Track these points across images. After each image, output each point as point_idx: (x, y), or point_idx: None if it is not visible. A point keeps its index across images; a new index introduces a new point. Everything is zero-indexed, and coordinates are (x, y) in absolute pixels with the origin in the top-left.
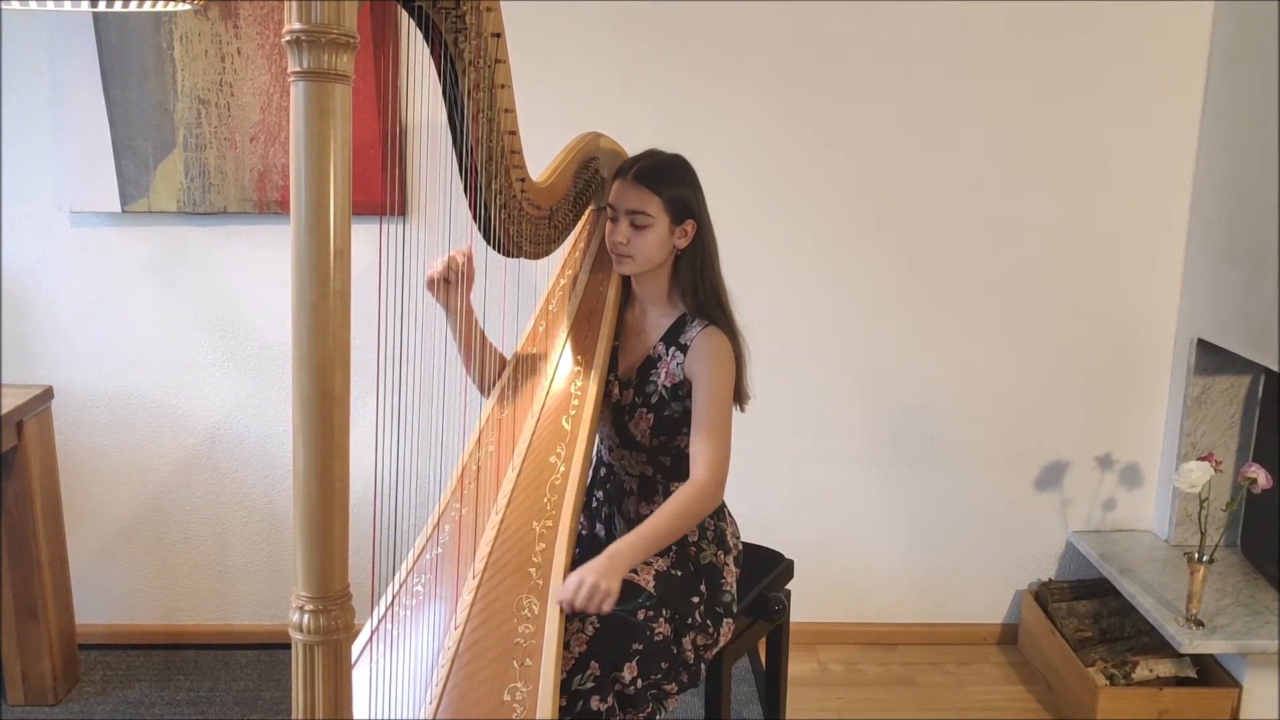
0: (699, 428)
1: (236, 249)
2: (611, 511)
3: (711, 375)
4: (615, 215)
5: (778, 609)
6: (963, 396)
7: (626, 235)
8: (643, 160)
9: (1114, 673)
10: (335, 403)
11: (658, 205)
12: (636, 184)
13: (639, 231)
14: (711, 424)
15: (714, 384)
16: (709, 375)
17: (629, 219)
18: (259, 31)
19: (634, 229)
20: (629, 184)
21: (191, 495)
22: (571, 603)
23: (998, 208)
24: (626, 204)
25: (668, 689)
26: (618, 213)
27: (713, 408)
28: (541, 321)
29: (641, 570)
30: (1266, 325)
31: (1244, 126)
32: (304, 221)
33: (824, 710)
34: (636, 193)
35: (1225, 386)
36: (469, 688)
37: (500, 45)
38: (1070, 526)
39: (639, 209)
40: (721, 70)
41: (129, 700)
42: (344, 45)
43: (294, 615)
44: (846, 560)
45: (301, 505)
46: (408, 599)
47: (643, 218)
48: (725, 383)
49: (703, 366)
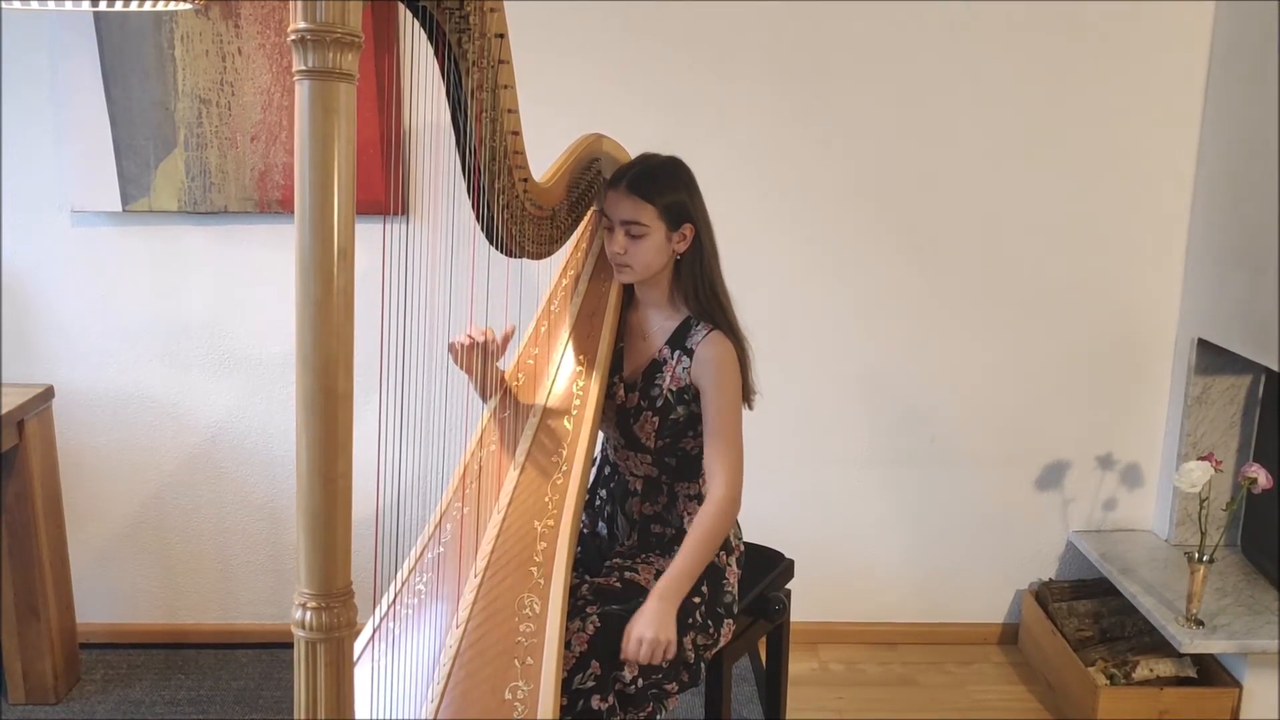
0: (712, 442)
1: (237, 248)
2: (615, 511)
3: (720, 385)
4: (610, 225)
5: (778, 608)
6: (963, 396)
7: (623, 245)
8: (635, 168)
9: (1114, 672)
10: (339, 400)
11: (652, 214)
12: (629, 194)
13: (635, 241)
14: (723, 436)
15: (723, 393)
16: (717, 385)
17: (624, 229)
18: (260, 31)
19: (630, 238)
20: (622, 194)
21: (192, 494)
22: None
23: (998, 207)
24: (620, 214)
25: (668, 688)
26: (613, 222)
27: (722, 419)
28: (543, 322)
29: (643, 570)
30: (1267, 325)
31: (1245, 126)
32: (308, 220)
33: (824, 710)
34: (630, 203)
35: (1226, 386)
36: (470, 686)
37: (504, 46)
38: (1071, 526)
39: (633, 219)
40: (723, 70)
41: (130, 699)
42: (349, 44)
43: (296, 612)
44: (847, 560)
45: (305, 502)
46: (410, 597)
47: (637, 227)
48: (733, 392)
49: (710, 377)
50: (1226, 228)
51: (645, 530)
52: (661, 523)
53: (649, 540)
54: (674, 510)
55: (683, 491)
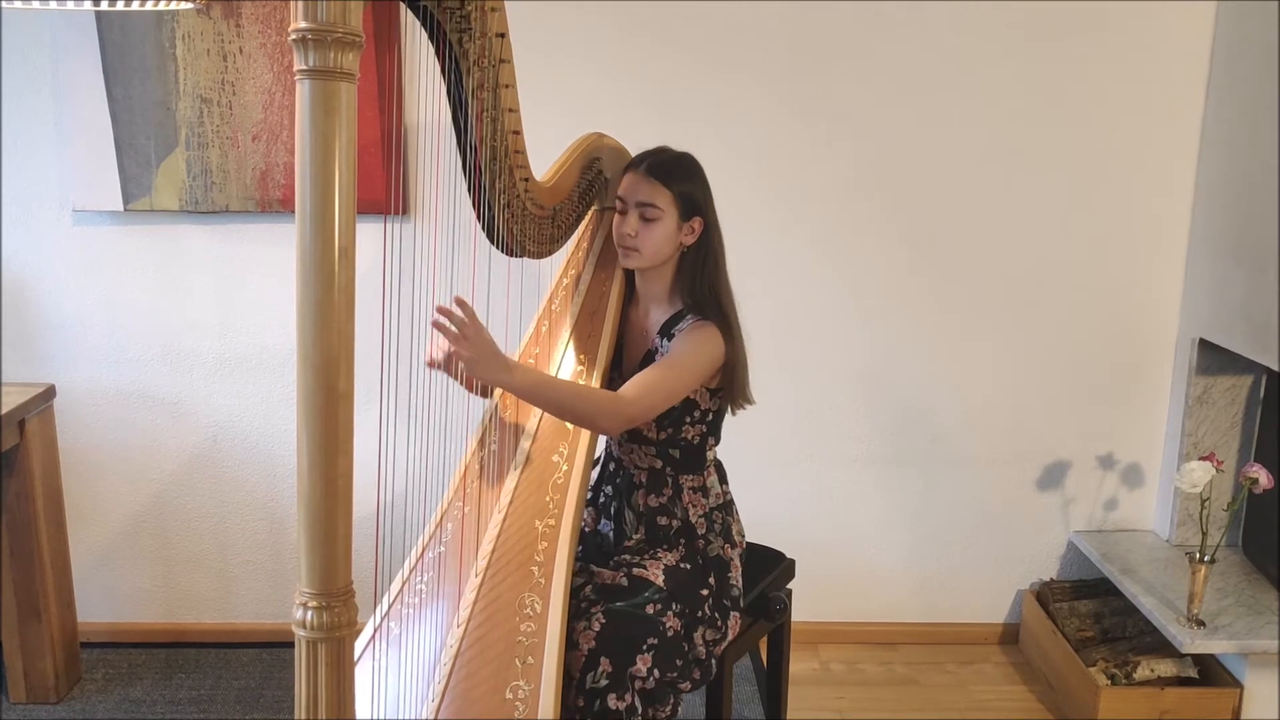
0: (646, 372)
1: (238, 248)
2: (621, 506)
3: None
4: (624, 208)
5: (779, 608)
6: (964, 396)
7: (635, 228)
8: (655, 154)
9: (1115, 672)
10: (340, 399)
11: (667, 198)
12: (648, 176)
13: (647, 225)
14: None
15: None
16: (680, 350)
17: (639, 211)
18: (261, 30)
19: (643, 222)
20: (640, 176)
21: (193, 494)
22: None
23: (999, 207)
24: (637, 196)
25: (682, 686)
26: (627, 205)
27: (666, 367)
28: (545, 321)
29: (650, 565)
30: (1268, 325)
31: (1246, 126)
32: (309, 219)
33: (825, 710)
34: (647, 185)
35: (1227, 386)
36: (471, 685)
37: (505, 45)
38: (1072, 526)
39: (649, 201)
40: (725, 69)
41: (131, 699)
42: (350, 44)
43: (297, 612)
44: (848, 560)
45: (306, 501)
46: (410, 597)
47: (652, 210)
48: (693, 364)
49: (681, 344)
50: (1227, 227)
51: (652, 524)
52: (667, 515)
53: (656, 534)
54: (679, 502)
55: (687, 484)
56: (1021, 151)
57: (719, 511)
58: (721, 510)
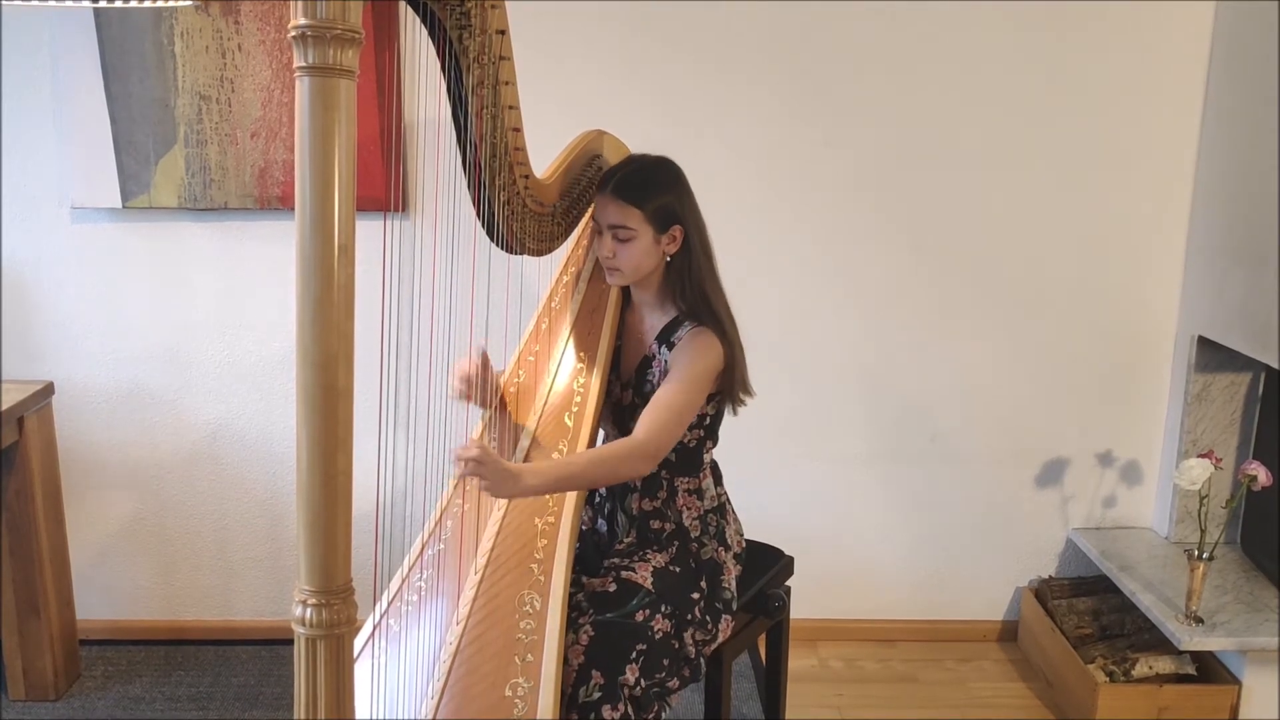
0: (652, 404)
1: (237, 245)
2: (615, 507)
3: (688, 364)
4: (599, 229)
5: (778, 605)
6: (964, 394)
7: (612, 249)
8: (621, 171)
9: (1114, 670)
10: (339, 396)
11: (638, 218)
12: (615, 198)
13: (623, 244)
14: (669, 404)
15: (681, 374)
16: (684, 365)
17: (611, 233)
18: (260, 27)
19: (618, 242)
20: (608, 199)
21: (192, 491)
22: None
23: (998, 205)
24: (607, 219)
25: (670, 685)
26: (601, 227)
27: (671, 391)
28: (544, 319)
29: (639, 566)
30: (1267, 323)
31: (1245, 125)
32: (309, 216)
33: (824, 707)
34: (616, 207)
35: (1226, 384)
36: (471, 683)
37: (505, 42)
38: (1070, 523)
39: (619, 223)
40: (725, 67)
41: (130, 696)
42: (349, 41)
43: (297, 609)
44: (847, 557)
45: (305, 499)
46: (410, 594)
47: (624, 231)
48: (698, 376)
49: (682, 357)
50: (1227, 226)
51: (644, 526)
52: (660, 518)
53: (647, 536)
54: (673, 505)
55: (682, 486)
56: (1021, 150)
57: (713, 514)
58: (716, 513)
